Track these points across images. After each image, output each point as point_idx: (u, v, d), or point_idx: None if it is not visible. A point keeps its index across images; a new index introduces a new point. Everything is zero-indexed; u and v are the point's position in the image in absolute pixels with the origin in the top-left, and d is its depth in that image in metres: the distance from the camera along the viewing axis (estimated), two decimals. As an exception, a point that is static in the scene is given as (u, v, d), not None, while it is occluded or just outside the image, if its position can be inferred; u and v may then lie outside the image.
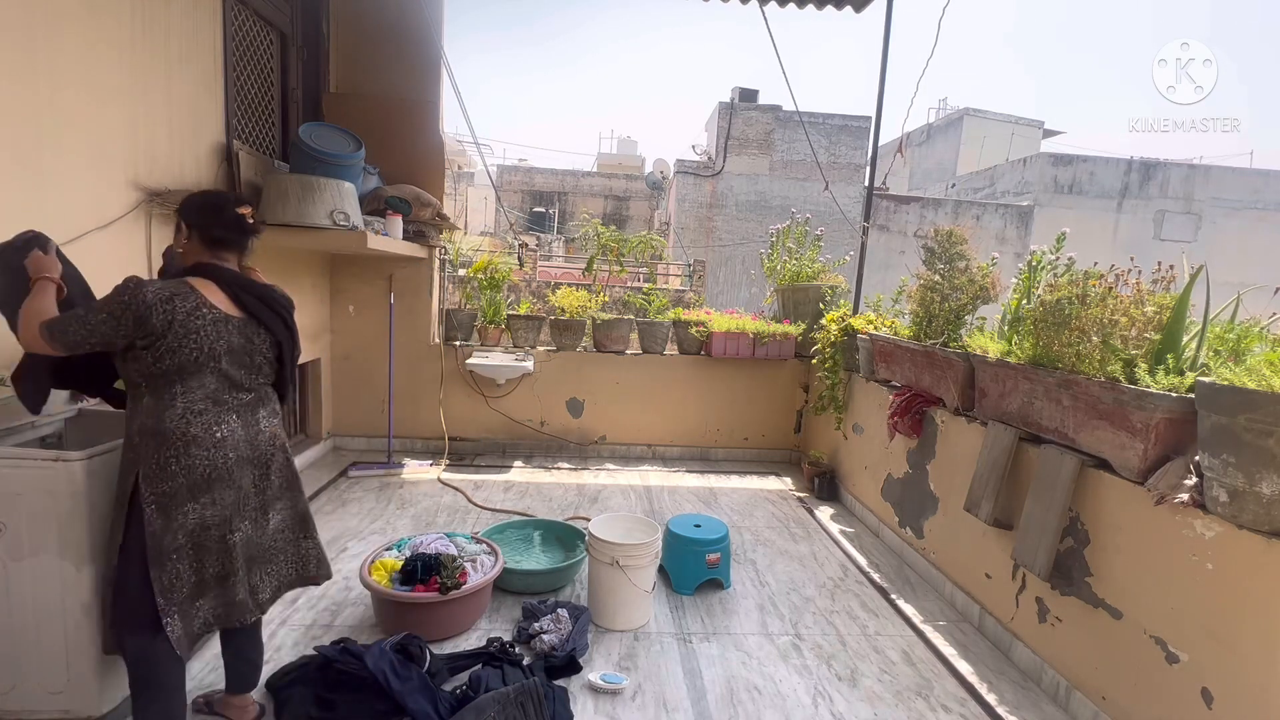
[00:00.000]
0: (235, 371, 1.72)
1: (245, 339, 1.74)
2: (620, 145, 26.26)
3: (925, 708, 2.22)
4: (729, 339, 4.84)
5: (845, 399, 4.31)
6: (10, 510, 1.73)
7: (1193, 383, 1.86)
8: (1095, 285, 2.32)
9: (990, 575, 2.71)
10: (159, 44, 2.84)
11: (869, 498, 3.90)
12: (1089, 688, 2.17)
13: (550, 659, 2.28)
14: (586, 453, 4.99)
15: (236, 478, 1.71)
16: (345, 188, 3.49)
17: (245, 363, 1.75)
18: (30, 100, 2.20)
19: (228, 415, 1.71)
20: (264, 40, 3.89)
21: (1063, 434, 2.32)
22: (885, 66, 4.60)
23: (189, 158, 3.08)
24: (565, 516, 3.63)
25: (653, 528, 2.72)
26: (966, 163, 19.47)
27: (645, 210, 20.77)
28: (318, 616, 2.55)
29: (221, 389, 1.70)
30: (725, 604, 2.85)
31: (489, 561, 2.64)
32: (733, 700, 2.21)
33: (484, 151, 11.56)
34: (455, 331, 4.89)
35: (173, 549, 1.61)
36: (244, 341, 1.73)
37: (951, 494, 3.02)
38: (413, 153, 4.45)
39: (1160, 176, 15.30)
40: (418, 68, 4.56)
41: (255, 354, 1.77)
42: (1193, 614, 1.83)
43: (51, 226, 2.27)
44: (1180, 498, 1.84)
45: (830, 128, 14.29)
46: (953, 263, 3.30)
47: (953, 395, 3.00)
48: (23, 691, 1.80)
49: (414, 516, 3.61)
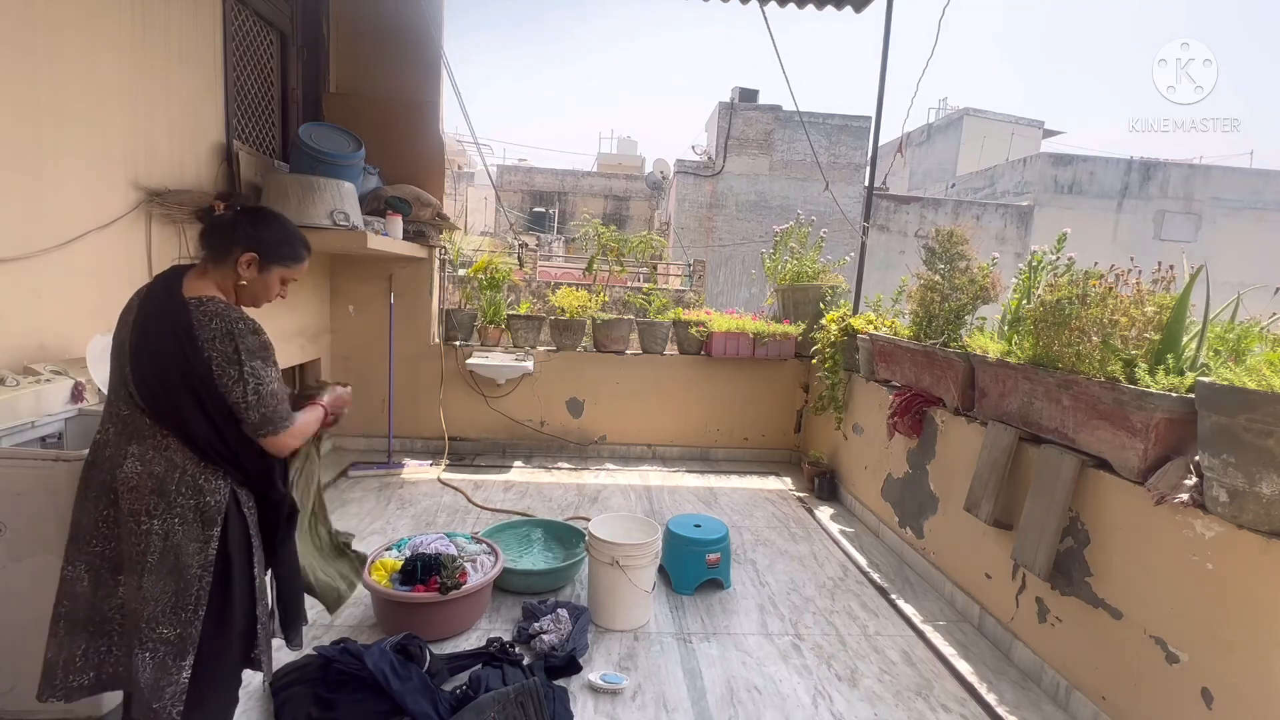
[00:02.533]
0: (115, 370, 1.46)
1: (123, 337, 1.47)
2: (620, 145, 26.25)
3: (925, 708, 2.22)
4: (729, 339, 4.84)
5: (845, 399, 4.31)
6: (10, 510, 1.73)
7: (1193, 383, 1.86)
8: (1095, 285, 2.32)
9: (990, 575, 2.71)
10: (159, 44, 2.84)
11: (869, 498, 3.90)
12: (1089, 688, 2.17)
13: (550, 659, 2.28)
14: (586, 453, 4.99)
15: (87, 497, 1.45)
16: (345, 188, 3.49)
17: (115, 370, 1.46)
18: (30, 100, 2.20)
19: (108, 421, 1.46)
20: (264, 40, 3.89)
21: (1063, 434, 2.32)
22: (885, 67, 4.60)
23: (189, 158, 3.08)
24: (565, 516, 3.63)
25: (653, 528, 2.72)
26: (966, 163, 19.47)
27: (645, 210, 20.77)
28: (317, 616, 2.55)
29: (114, 386, 1.48)
30: (725, 604, 2.85)
31: (489, 561, 2.64)
32: (733, 700, 2.21)
33: (484, 151, 11.57)
34: (455, 331, 4.89)
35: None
36: (120, 339, 1.48)
37: (951, 494, 3.02)
38: (413, 153, 4.45)
39: (1160, 176, 15.31)
40: (418, 68, 4.56)
41: (125, 360, 1.44)
42: (1193, 614, 1.83)
43: (51, 226, 2.28)
44: (1180, 498, 1.84)
45: (830, 128, 14.30)
46: (953, 263, 3.30)
47: (953, 395, 3.00)
48: (23, 692, 1.80)
49: (414, 516, 3.61)
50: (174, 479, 1.42)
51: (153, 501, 1.40)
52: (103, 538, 1.43)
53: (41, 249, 2.25)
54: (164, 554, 1.41)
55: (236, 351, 1.43)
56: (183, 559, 1.42)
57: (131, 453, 1.42)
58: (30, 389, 2.04)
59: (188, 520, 1.43)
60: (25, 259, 2.19)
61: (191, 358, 1.41)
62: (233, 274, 1.53)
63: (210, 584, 1.45)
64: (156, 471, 1.42)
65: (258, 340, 1.47)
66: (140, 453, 1.42)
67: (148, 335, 1.43)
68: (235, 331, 1.43)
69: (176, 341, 1.41)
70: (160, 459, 1.42)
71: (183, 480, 1.43)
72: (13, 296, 2.17)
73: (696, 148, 15.60)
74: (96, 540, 1.43)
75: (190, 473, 1.44)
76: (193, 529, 1.43)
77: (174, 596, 1.42)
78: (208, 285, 1.50)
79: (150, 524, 1.40)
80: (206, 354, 1.41)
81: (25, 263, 2.19)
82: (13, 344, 2.18)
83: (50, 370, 2.18)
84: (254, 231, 1.55)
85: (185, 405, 1.42)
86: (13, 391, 1.99)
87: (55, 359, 2.27)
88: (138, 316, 1.45)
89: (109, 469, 1.42)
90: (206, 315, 1.43)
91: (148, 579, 1.40)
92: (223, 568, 1.47)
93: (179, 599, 1.42)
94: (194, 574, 1.43)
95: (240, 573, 1.51)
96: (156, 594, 1.41)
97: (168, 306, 1.44)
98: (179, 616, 1.42)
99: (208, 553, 1.45)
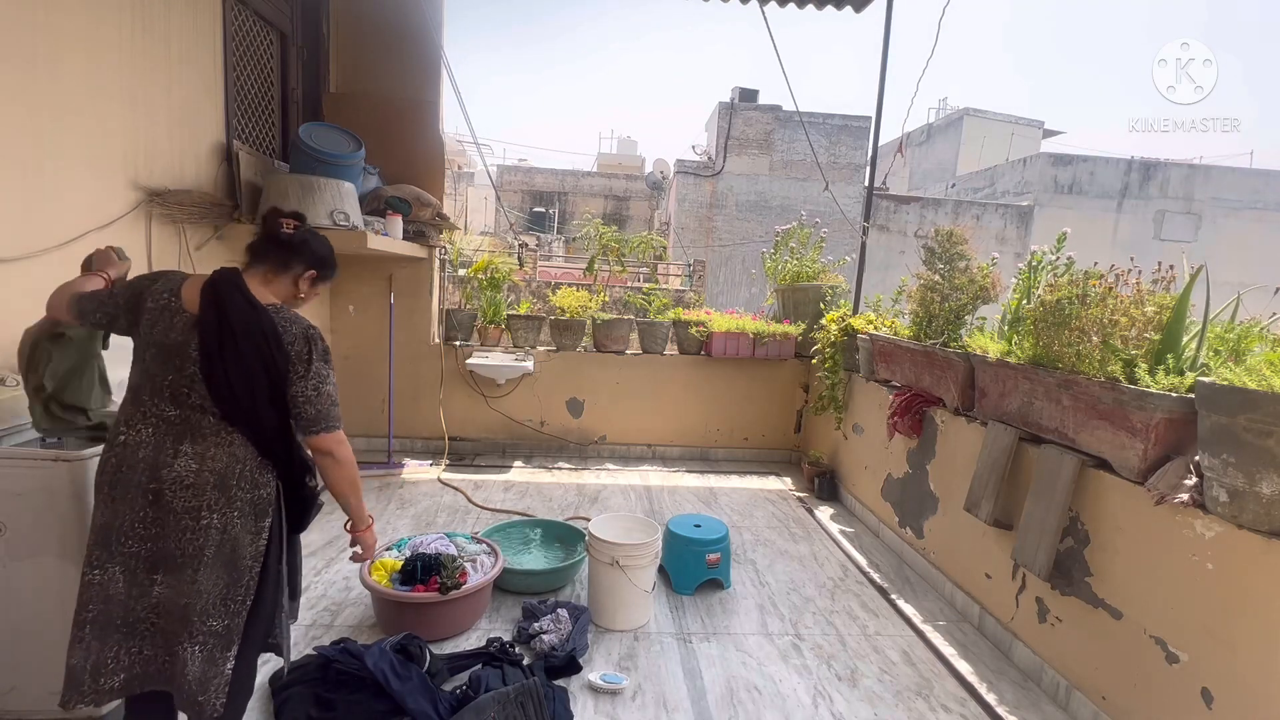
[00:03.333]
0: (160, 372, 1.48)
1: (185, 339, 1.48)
2: (620, 145, 26.23)
3: (925, 708, 2.22)
4: (729, 339, 4.84)
5: (845, 399, 4.31)
6: (10, 510, 1.73)
7: (1193, 383, 1.86)
8: (1095, 285, 2.32)
9: (990, 575, 2.71)
10: (159, 44, 2.84)
11: (869, 498, 3.90)
12: (1089, 688, 2.16)
13: (550, 659, 2.28)
14: (586, 453, 4.99)
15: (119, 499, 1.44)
16: (345, 188, 3.49)
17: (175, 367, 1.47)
18: (30, 100, 2.20)
19: (141, 423, 1.47)
20: (264, 40, 3.89)
21: (1063, 434, 2.32)
22: (885, 67, 4.60)
23: (189, 158, 3.08)
24: (565, 516, 3.63)
25: (653, 528, 2.72)
26: (966, 163, 19.47)
27: (645, 210, 20.76)
28: (318, 617, 2.55)
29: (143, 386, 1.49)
30: (725, 604, 2.85)
31: (489, 561, 2.64)
32: (733, 700, 2.21)
33: (484, 151, 11.57)
34: (455, 331, 4.89)
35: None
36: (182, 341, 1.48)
37: (951, 494, 3.02)
38: (413, 153, 4.45)
39: (1160, 176, 15.30)
40: (418, 68, 4.56)
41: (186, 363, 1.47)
42: (1193, 614, 1.83)
43: (51, 226, 2.28)
44: (1180, 498, 1.84)
45: (830, 128, 14.29)
46: (953, 263, 3.30)
47: (953, 395, 3.00)
48: (23, 692, 1.80)
49: (414, 516, 3.61)
50: (235, 473, 1.49)
51: (214, 497, 1.46)
52: (140, 538, 1.45)
53: (41, 249, 2.25)
54: (221, 547, 1.47)
55: (309, 353, 1.56)
56: (239, 551, 1.50)
57: (185, 451, 1.46)
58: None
59: (245, 513, 1.50)
60: (25, 259, 2.19)
61: (277, 359, 1.51)
62: (293, 287, 1.66)
63: (258, 575, 1.53)
64: (218, 468, 1.47)
65: (325, 346, 1.62)
66: (199, 451, 1.46)
67: (234, 337, 1.48)
68: (310, 336, 1.57)
69: (266, 344, 1.50)
70: (223, 454, 1.48)
71: (243, 474, 1.50)
72: (13, 296, 2.17)
73: (696, 148, 15.60)
74: (133, 541, 1.45)
75: (250, 466, 1.51)
76: (248, 521, 1.51)
77: (226, 589, 1.48)
78: (273, 293, 1.62)
79: (210, 519, 1.45)
80: (288, 351, 1.53)
81: (25, 263, 2.19)
82: (13, 344, 2.18)
83: (50, 370, 2.18)
84: (316, 251, 1.69)
85: (262, 403, 1.50)
86: (13, 391, 2.00)
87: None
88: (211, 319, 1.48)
89: (148, 470, 1.45)
90: (286, 320, 1.56)
91: (203, 573, 1.45)
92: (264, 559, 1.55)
93: (230, 590, 1.49)
94: (246, 565, 1.50)
95: (274, 562, 1.58)
96: (209, 587, 1.46)
97: (253, 312, 1.52)
98: (228, 608, 1.49)
99: (259, 544, 1.53)
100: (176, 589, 1.45)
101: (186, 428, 1.47)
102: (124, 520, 1.44)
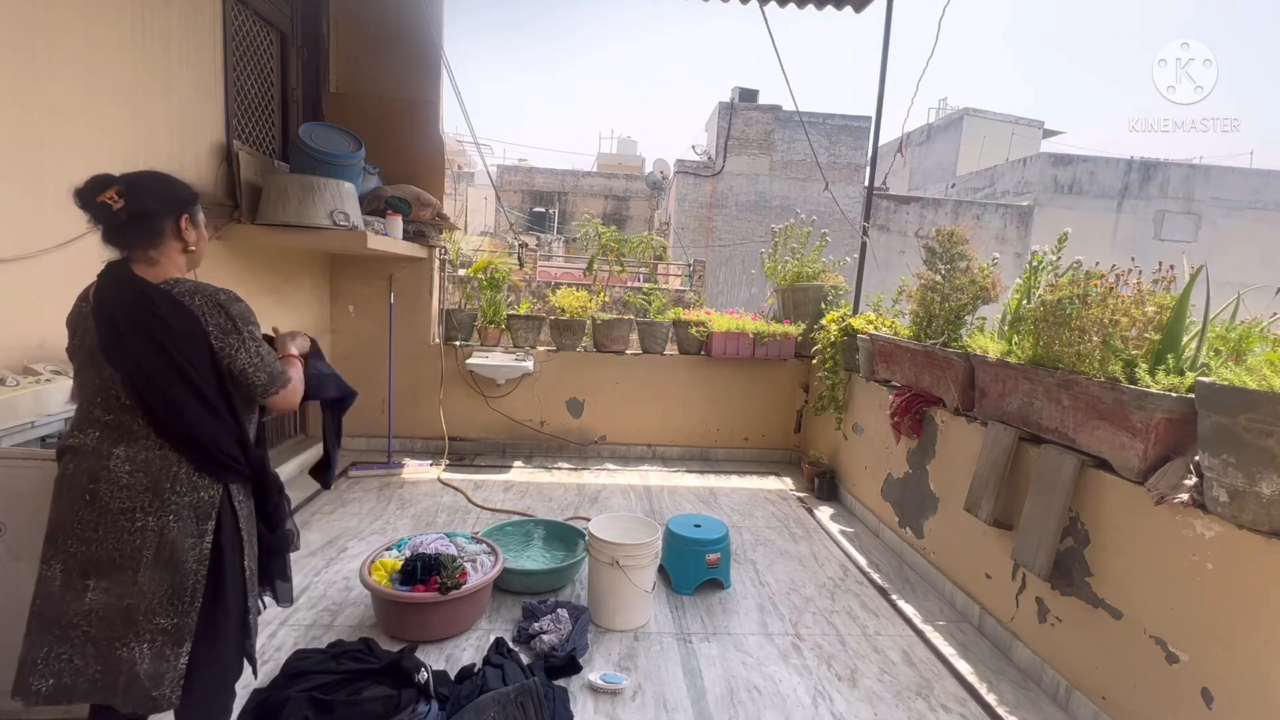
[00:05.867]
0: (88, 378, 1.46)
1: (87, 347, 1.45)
2: (620, 145, 26.22)
3: (925, 708, 2.22)
4: (729, 339, 4.84)
5: (845, 399, 4.31)
6: (10, 510, 1.73)
7: (1193, 383, 1.86)
8: (1096, 285, 2.32)
9: (990, 575, 2.71)
10: (159, 44, 2.84)
11: (869, 498, 3.90)
12: (1089, 688, 2.17)
13: (550, 659, 2.28)
14: (586, 453, 4.99)
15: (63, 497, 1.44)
16: (345, 188, 3.49)
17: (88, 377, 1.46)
18: (30, 100, 2.20)
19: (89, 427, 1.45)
20: (264, 40, 3.89)
21: (1063, 434, 2.32)
22: (885, 66, 4.60)
23: (189, 158, 3.08)
24: (565, 516, 3.63)
25: (653, 528, 2.72)
26: (966, 163, 19.47)
27: (645, 210, 20.76)
28: (318, 617, 2.55)
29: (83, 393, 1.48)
30: (725, 604, 2.85)
31: (489, 561, 2.64)
32: (733, 700, 2.21)
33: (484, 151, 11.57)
34: (455, 331, 4.89)
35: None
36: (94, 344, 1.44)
37: (951, 494, 3.02)
38: (413, 153, 4.45)
39: (1160, 176, 15.31)
40: (418, 68, 4.56)
41: (104, 366, 1.43)
42: (1193, 614, 1.83)
43: (49, 227, 2.28)
44: (1180, 498, 1.84)
45: (830, 128, 14.29)
46: (953, 263, 3.30)
47: (953, 395, 3.00)
48: (23, 691, 1.80)
49: (414, 516, 3.61)
50: (170, 475, 1.44)
51: (147, 499, 1.42)
52: (79, 539, 1.42)
53: (41, 249, 2.25)
54: (160, 549, 1.43)
55: (230, 319, 1.48)
56: (178, 554, 1.44)
57: (118, 454, 1.42)
58: (30, 389, 2.04)
59: (183, 516, 1.45)
60: (25, 259, 2.19)
61: (183, 347, 1.42)
62: (178, 245, 1.51)
63: (205, 576, 1.48)
64: (153, 470, 1.43)
65: (243, 306, 1.53)
66: (131, 454, 1.43)
67: (131, 330, 1.41)
68: (220, 302, 1.48)
69: (163, 330, 1.40)
70: (155, 457, 1.44)
71: (178, 476, 1.45)
72: (13, 296, 2.17)
73: (696, 148, 15.61)
74: (74, 541, 1.42)
75: (187, 469, 1.46)
76: (187, 525, 1.46)
77: (171, 589, 1.44)
78: (168, 267, 1.49)
79: (145, 520, 1.42)
80: (204, 329, 1.44)
81: (25, 263, 2.19)
82: (13, 344, 2.18)
83: (50, 370, 2.18)
84: (168, 194, 1.51)
85: (179, 395, 1.43)
86: (13, 391, 1.99)
87: (55, 359, 2.26)
88: (104, 317, 1.42)
89: (88, 472, 1.42)
90: (186, 294, 1.44)
91: (144, 574, 1.42)
92: (215, 560, 1.50)
93: (175, 591, 1.45)
94: (190, 568, 1.46)
95: (232, 565, 1.54)
96: (152, 588, 1.42)
97: (137, 299, 1.42)
98: (176, 607, 1.44)
99: (202, 547, 1.48)
100: (115, 592, 1.41)
101: (121, 431, 1.44)
102: (67, 519, 1.43)
